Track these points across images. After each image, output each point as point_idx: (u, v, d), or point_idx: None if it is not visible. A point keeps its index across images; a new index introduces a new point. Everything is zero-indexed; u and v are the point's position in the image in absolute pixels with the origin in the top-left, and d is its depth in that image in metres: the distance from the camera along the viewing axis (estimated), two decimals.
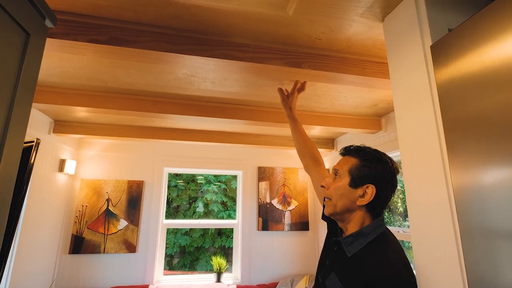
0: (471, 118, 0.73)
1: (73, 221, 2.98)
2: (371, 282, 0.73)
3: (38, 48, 0.90)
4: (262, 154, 3.55)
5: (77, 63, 1.56)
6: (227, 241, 6.90)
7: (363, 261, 0.80)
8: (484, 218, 0.67)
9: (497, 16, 0.67)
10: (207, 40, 1.28)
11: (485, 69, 0.70)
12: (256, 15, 1.16)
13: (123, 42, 1.19)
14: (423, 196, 0.93)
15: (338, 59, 1.41)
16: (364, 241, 0.83)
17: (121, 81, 1.78)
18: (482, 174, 0.69)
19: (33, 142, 1.01)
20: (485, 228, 0.67)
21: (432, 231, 0.87)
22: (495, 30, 0.68)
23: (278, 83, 1.80)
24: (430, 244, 0.88)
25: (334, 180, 0.93)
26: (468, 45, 0.75)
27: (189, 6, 1.12)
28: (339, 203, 0.88)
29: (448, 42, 0.81)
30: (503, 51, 0.66)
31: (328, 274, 0.87)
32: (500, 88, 0.66)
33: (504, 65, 0.65)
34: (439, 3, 0.98)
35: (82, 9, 1.14)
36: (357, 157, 0.91)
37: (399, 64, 1.07)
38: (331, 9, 1.12)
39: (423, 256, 0.90)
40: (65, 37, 1.15)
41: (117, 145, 3.22)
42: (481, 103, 0.70)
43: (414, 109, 0.99)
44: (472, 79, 0.73)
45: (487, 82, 0.69)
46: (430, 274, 0.87)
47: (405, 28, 1.05)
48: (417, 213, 0.95)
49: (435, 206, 0.87)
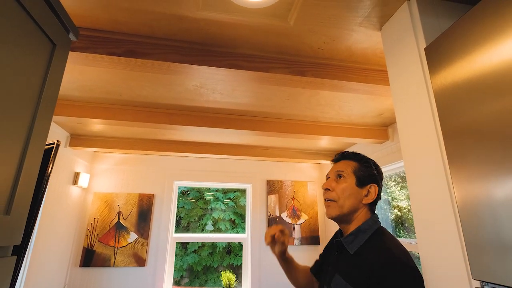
0: (467, 126, 0.73)
1: (84, 234, 3.04)
2: (374, 269, 0.76)
3: (62, 59, 0.99)
4: (270, 167, 3.59)
5: (93, 77, 1.67)
6: (235, 259, 6.81)
7: (365, 255, 0.83)
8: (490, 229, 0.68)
9: (483, 18, 0.72)
10: (216, 51, 1.37)
11: (477, 72, 0.73)
12: (261, 27, 1.25)
13: (138, 54, 1.28)
14: (427, 206, 0.93)
15: (340, 68, 1.47)
16: (364, 238, 0.87)
17: (134, 94, 1.88)
18: (484, 184, 0.68)
19: (54, 144, 1.09)
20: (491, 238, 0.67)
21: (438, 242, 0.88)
22: (483, 30, 0.72)
23: (284, 95, 1.87)
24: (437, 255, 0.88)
25: (338, 182, 0.96)
26: (459, 47, 0.79)
27: (198, 20, 1.21)
28: (347, 203, 0.92)
29: (441, 43, 0.86)
30: (494, 53, 0.70)
31: (332, 278, 0.89)
32: (493, 93, 0.68)
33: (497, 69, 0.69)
34: (432, 9, 1.04)
35: (103, 25, 1.25)
36: (356, 160, 0.98)
37: (397, 70, 1.12)
38: (330, 20, 1.19)
39: (429, 265, 0.91)
40: (86, 50, 1.25)
41: (129, 159, 3.32)
42: (474, 109, 0.72)
43: (414, 116, 1.01)
44: (466, 83, 0.75)
45: (480, 86, 0.72)
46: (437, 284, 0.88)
47: (401, 35, 1.10)
48: (422, 224, 0.95)
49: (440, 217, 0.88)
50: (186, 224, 6.96)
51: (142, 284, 2.95)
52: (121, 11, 1.18)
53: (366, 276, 0.77)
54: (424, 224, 0.92)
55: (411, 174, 1.00)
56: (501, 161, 0.64)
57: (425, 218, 0.92)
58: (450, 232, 0.82)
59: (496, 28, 0.69)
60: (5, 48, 0.72)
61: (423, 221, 0.93)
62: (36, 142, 0.85)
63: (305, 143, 3.01)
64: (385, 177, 3.12)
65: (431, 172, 0.91)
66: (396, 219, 3.06)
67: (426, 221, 0.92)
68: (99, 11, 1.18)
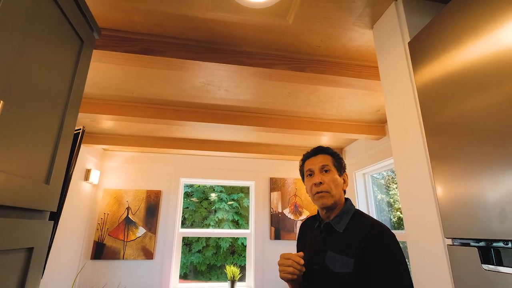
0: (446, 122, 0.82)
1: (95, 228, 3.16)
2: (367, 237, 0.89)
3: (88, 55, 1.12)
4: (273, 165, 3.70)
5: (107, 75, 1.81)
6: (239, 259, 6.89)
7: (353, 230, 0.96)
8: (457, 199, 0.79)
9: (454, 16, 0.84)
10: (221, 49, 1.50)
11: (453, 69, 0.85)
12: (262, 26, 1.37)
13: (152, 52, 1.42)
14: (411, 190, 1.05)
15: (337, 64, 1.59)
16: (348, 217, 1.01)
17: (145, 91, 2.01)
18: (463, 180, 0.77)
19: (80, 130, 1.22)
20: (458, 205, 0.79)
21: (419, 213, 0.99)
22: (455, 28, 0.83)
23: (285, 92, 2.00)
24: (418, 222, 1.00)
25: (325, 175, 1.06)
26: (436, 43, 0.89)
27: (207, 20, 1.34)
28: (337, 192, 1.04)
29: (421, 39, 0.97)
30: (467, 50, 0.81)
31: (324, 256, 0.99)
32: (468, 91, 0.79)
33: (470, 65, 0.80)
34: (417, 8, 1.16)
35: (120, 25, 1.39)
36: (330, 154, 1.11)
37: (386, 66, 1.24)
38: (326, 19, 1.31)
39: (412, 231, 1.02)
40: (105, 48, 1.39)
41: (137, 157, 3.45)
42: (452, 105, 0.83)
43: (401, 112, 1.11)
44: (443, 79, 0.85)
45: (456, 82, 0.83)
46: (419, 245, 0.99)
47: (389, 32, 1.22)
48: (407, 202, 1.07)
49: (421, 196, 1.00)
50: (190, 224, 7.07)
51: (150, 276, 3.07)
52: (137, 13, 1.32)
53: (364, 245, 0.89)
54: (408, 202, 1.04)
55: (399, 164, 1.11)
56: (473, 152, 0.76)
57: (410, 198, 1.05)
58: (429, 206, 0.93)
59: (465, 26, 0.80)
60: (46, 44, 0.85)
61: (408, 200, 1.05)
62: (66, 129, 0.98)
63: (307, 141, 3.12)
64: (388, 180, 3.21)
65: (416, 165, 1.02)
66: (398, 221, 3.13)
67: (410, 200, 1.04)
68: (117, 12, 1.32)
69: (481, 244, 0.72)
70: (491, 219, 0.67)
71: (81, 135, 1.20)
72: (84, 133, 1.27)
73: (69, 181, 1.08)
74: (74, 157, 1.14)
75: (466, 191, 0.74)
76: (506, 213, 0.64)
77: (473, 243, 0.74)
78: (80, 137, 1.20)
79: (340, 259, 0.93)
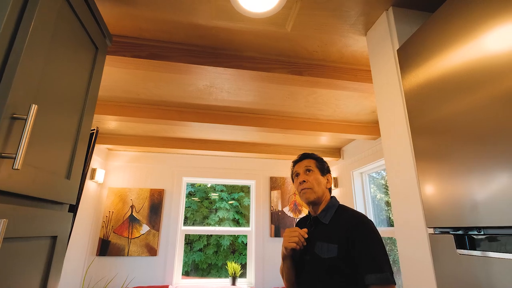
0: (428, 125, 0.91)
1: (100, 225, 3.26)
2: (349, 225, 1.03)
3: (101, 61, 1.22)
4: (273, 165, 3.79)
5: (115, 78, 1.90)
6: (239, 258, 6.98)
7: (337, 221, 1.11)
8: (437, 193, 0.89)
9: (437, 26, 0.93)
10: (224, 54, 1.59)
11: (435, 75, 0.94)
12: (262, 33, 1.47)
13: (159, 57, 1.51)
14: (399, 184, 1.15)
15: (333, 68, 1.68)
16: (332, 211, 1.17)
17: (151, 93, 2.10)
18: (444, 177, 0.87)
19: (94, 130, 1.31)
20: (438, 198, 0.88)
21: (405, 205, 1.09)
22: (439, 37, 0.93)
23: (284, 94, 2.09)
24: (404, 213, 1.09)
25: (308, 175, 1.23)
26: (421, 51, 0.99)
27: (210, 28, 1.44)
28: (319, 189, 1.20)
29: (407, 46, 1.07)
30: (448, 58, 0.90)
31: (314, 246, 1.12)
32: (448, 95, 0.89)
33: (451, 72, 0.90)
34: (405, 17, 1.25)
35: (129, 32, 1.48)
36: (314, 158, 1.29)
37: (378, 70, 1.33)
38: (322, 27, 1.41)
39: (400, 220, 1.11)
40: (115, 54, 1.48)
41: (140, 156, 3.54)
42: (434, 108, 0.93)
43: (390, 114, 1.21)
44: (426, 85, 0.95)
45: (438, 87, 0.93)
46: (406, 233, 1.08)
47: (380, 39, 1.31)
48: (395, 195, 1.16)
49: (407, 190, 1.09)
50: (192, 223, 7.16)
51: (154, 272, 3.16)
52: (145, 21, 1.41)
53: (345, 233, 1.02)
54: (397, 197, 1.13)
55: (389, 163, 1.21)
56: (451, 151, 0.85)
57: (398, 194, 1.14)
58: (414, 200, 1.02)
59: (447, 35, 0.89)
60: (68, 51, 0.94)
61: (396, 196, 1.14)
62: (84, 129, 1.07)
63: (306, 141, 3.21)
64: (387, 180, 3.30)
65: (403, 164, 1.11)
66: None
67: (398, 195, 1.13)
68: (126, 20, 1.41)
69: (459, 232, 0.81)
70: (466, 211, 0.76)
71: (95, 135, 1.29)
72: (97, 133, 1.36)
73: (84, 178, 1.17)
74: (89, 155, 1.23)
75: (446, 186, 0.83)
76: (477, 206, 0.73)
77: (452, 232, 0.83)
78: (95, 136, 1.29)
79: (327, 247, 1.06)
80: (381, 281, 0.93)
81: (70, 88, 0.97)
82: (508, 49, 0.67)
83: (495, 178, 0.68)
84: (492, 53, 0.72)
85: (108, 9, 1.34)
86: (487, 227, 0.71)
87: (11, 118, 0.68)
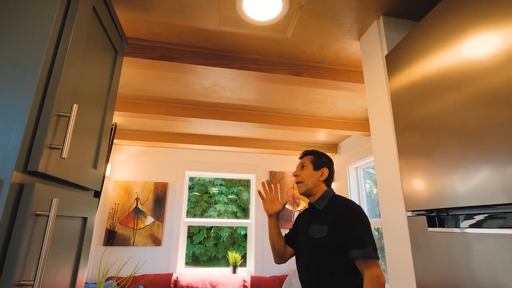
0: (408, 125, 1.05)
1: (106, 217, 3.40)
2: (339, 210, 1.20)
3: (120, 63, 1.35)
4: (273, 159, 3.94)
5: (127, 76, 2.03)
6: (239, 250, 7.16)
7: (332, 206, 1.27)
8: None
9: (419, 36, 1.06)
10: (229, 56, 1.72)
11: (416, 80, 1.08)
12: (266, 38, 1.60)
13: (169, 58, 1.64)
14: (385, 178, 1.29)
15: (330, 69, 1.82)
16: (326, 200, 1.32)
17: (158, 91, 2.24)
18: (420, 169, 1.05)
19: (113, 125, 1.45)
20: (414, 186, 1.03)
21: (389, 192, 1.23)
22: (421, 45, 1.06)
23: (284, 93, 2.22)
24: (388, 198, 1.24)
25: (302, 170, 1.40)
26: (404, 57, 1.13)
27: (217, 32, 1.57)
28: (309, 182, 1.36)
29: (393, 54, 1.20)
30: (428, 65, 1.04)
31: (309, 229, 1.29)
32: (428, 98, 1.04)
33: (429, 77, 1.03)
34: (394, 25, 1.39)
35: (142, 35, 1.61)
36: (312, 154, 1.44)
37: (369, 73, 1.47)
38: (320, 32, 1.54)
39: (384, 204, 1.26)
40: (129, 55, 1.61)
41: (145, 151, 3.68)
42: (415, 110, 1.07)
43: (379, 115, 1.36)
44: (408, 89, 1.10)
45: (419, 91, 1.07)
46: (388, 214, 1.23)
47: (372, 45, 1.45)
48: (381, 184, 1.31)
49: (391, 182, 1.23)
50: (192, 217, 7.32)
51: (158, 261, 3.32)
52: (158, 25, 1.54)
53: (334, 216, 1.19)
54: (383, 187, 1.28)
55: (377, 158, 1.35)
56: (426, 147, 0.99)
57: (384, 184, 1.28)
58: (396, 189, 1.17)
59: (428, 44, 1.02)
60: (95, 56, 1.08)
61: (382, 186, 1.29)
62: (106, 124, 1.21)
63: (304, 137, 3.36)
64: None
65: (388, 159, 1.26)
66: None
67: (384, 186, 1.28)
68: (140, 25, 1.54)
69: (432, 214, 0.95)
70: (436, 196, 0.91)
71: (114, 130, 1.43)
72: (116, 128, 1.49)
73: (105, 168, 1.30)
74: (109, 148, 1.37)
75: (422, 177, 0.98)
76: (445, 191, 0.88)
77: (426, 214, 0.97)
78: (113, 131, 1.43)
79: (319, 228, 1.23)
80: (363, 255, 1.08)
81: (96, 88, 1.11)
82: (483, 55, 0.81)
83: (458, 168, 0.83)
84: (468, 58, 0.84)
85: (124, 14, 1.47)
86: (453, 208, 0.86)
87: (58, 115, 0.82)
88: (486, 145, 0.75)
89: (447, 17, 0.93)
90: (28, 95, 0.76)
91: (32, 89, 0.76)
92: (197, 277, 3.15)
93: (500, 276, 0.69)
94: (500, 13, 0.75)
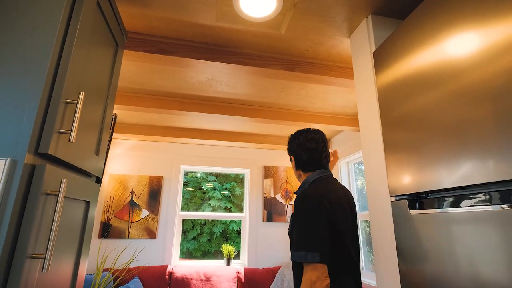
0: (393, 121, 1.13)
1: (102, 210, 3.44)
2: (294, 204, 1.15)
3: (120, 56, 1.40)
4: (267, 155, 4.01)
5: (123, 69, 2.08)
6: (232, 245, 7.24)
7: None
8: (402, 185, 1.11)
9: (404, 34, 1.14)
10: (226, 51, 1.78)
11: (400, 77, 1.15)
12: (261, 34, 1.66)
13: (167, 52, 1.69)
14: (372, 171, 1.37)
15: (322, 65, 1.89)
16: (302, 188, 1.25)
17: (155, 84, 2.28)
18: (401, 159, 1.13)
19: (113, 116, 1.49)
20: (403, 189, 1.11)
21: (375, 178, 1.32)
22: (405, 43, 1.14)
23: (279, 88, 2.29)
24: (375, 185, 1.32)
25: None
26: (390, 55, 1.20)
27: (214, 27, 1.63)
28: (296, 177, 1.38)
29: (381, 50, 1.28)
30: (411, 63, 1.12)
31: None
32: (410, 95, 1.11)
33: (413, 75, 1.11)
34: (382, 23, 1.47)
35: (141, 29, 1.66)
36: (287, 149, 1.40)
37: (358, 69, 1.54)
38: (312, 29, 1.61)
39: (371, 190, 1.34)
40: (128, 48, 1.66)
41: (140, 145, 3.72)
42: (399, 106, 1.15)
43: (367, 110, 1.43)
44: (393, 85, 1.17)
45: (403, 88, 1.15)
46: (375, 199, 1.31)
47: (361, 42, 1.53)
48: (369, 174, 1.39)
49: (376, 173, 1.32)
50: None
51: (153, 254, 3.37)
52: (156, 20, 1.59)
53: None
54: (370, 176, 1.36)
55: (365, 151, 1.43)
56: (408, 142, 1.07)
57: (371, 174, 1.36)
58: (382, 177, 1.25)
59: (412, 41, 1.10)
60: (98, 48, 1.13)
61: (370, 176, 1.37)
62: (107, 115, 1.26)
63: None
64: None
65: (375, 152, 1.34)
66: None
67: (371, 175, 1.36)
68: (139, 19, 1.59)
69: (413, 198, 1.04)
70: (417, 182, 0.99)
71: (114, 120, 1.48)
72: (116, 119, 1.54)
73: (106, 157, 1.36)
74: (110, 138, 1.41)
75: (404, 166, 1.06)
76: (426, 178, 0.96)
77: (407, 198, 1.06)
78: (113, 122, 1.48)
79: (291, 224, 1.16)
80: (298, 258, 0.97)
81: (99, 79, 1.16)
82: (462, 53, 0.89)
83: (439, 160, 0.91)
84: (448, 56, 0.91)
85: (124, 8, 1.52)
86: (431, 191, 0.94)
87: (65, 102, 0.87)
88: (463, 139, 0.83)
89: (429, 16, 1.00)
90: (39, 83, 0.81)
91: (42, 78, 0.82)
92: (192, 269, 3.21)
93: (473, 250, 0.78)
94: (478, 13, 0.83)
